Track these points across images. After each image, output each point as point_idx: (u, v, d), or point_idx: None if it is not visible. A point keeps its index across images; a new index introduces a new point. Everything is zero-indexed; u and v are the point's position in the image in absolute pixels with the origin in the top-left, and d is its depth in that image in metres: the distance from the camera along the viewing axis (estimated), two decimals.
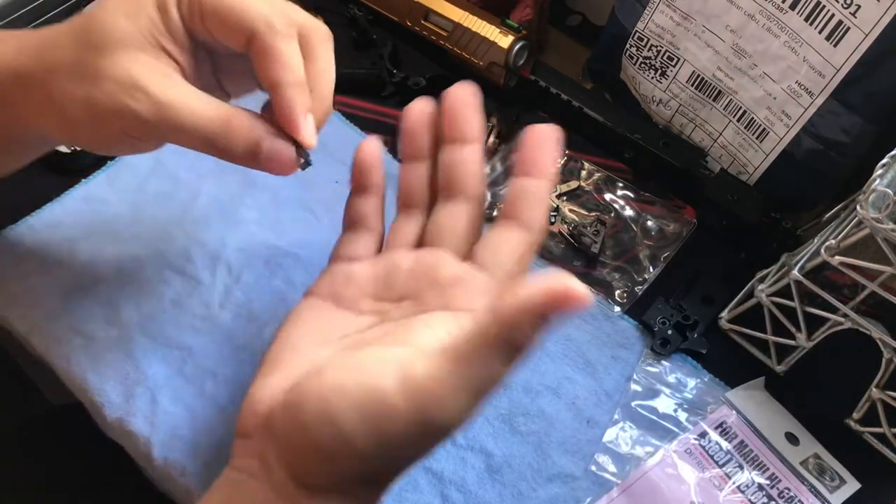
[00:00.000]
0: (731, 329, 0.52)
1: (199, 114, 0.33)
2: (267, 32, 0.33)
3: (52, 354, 0.48)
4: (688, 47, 0.57)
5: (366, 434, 0.27)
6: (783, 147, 0.54)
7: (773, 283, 0.49)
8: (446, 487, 0.45)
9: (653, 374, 0.50)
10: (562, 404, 0.48)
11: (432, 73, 0.63)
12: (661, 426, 0.48)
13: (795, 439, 0.48)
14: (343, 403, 0.28)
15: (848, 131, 0.51)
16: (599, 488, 0.46)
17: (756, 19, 0.52)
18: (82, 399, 0.48)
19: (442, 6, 0.63)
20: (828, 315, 0.46)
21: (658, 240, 0.57)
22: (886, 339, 0.44)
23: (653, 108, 0.62)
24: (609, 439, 0.47)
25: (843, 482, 0.47)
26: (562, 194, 0.59)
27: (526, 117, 0.62)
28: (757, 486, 0.46)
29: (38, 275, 0.50)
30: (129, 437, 0.46)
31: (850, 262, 0.42)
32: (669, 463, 0.46)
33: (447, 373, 0.28)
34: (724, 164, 0.59)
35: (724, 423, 0.48)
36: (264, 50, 0.33)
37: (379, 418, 0.27)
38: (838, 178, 0.54)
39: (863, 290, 0.44)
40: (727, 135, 0.58)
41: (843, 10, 0.47)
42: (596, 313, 0.53)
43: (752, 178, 0.58)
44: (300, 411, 0.29)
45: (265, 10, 0.34)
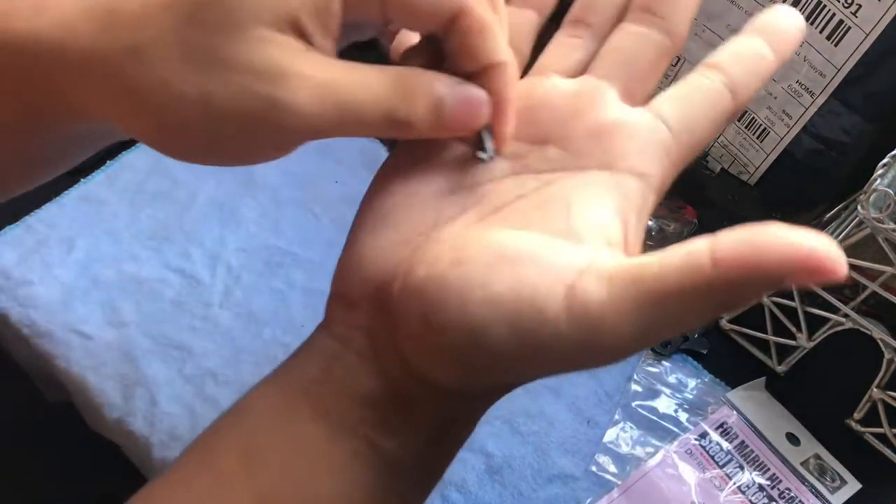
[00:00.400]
0: (731, 329, 0.52)
1: (370, 85, 0.25)
2: (476, 6, 0.25)
3: (51, 354, 0.48)
4: (689, 47, 0.56)
5: (518, 354, 0.22)
6: (784, 147, 0.54)
7: None
8: (446, 488, 0.45)
9: (653, 374, 0.50)
10: (562, 404, 0.48)
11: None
12: (661, 426, 0.48)
13: (796, 440, 0.48)
14: (496, 318, 0.22)
15: (848, 131, 0.51)
16: (600, 489, 0.45)
17: None
18: (81, 399, 0.48)
19: None
20: (828, 315, 0.46)
21: (658, 240, 0.57)
22: (887, 339, 0.44)
23: None
24: (609, 440, 0.47)
25: (844, 483, 0.47)
26: None
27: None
28: (757, 486, 0.46)
29: (38, 274, 0.50)
30: (128, 437, 0.46)
31: (851, 262, 0.42)
32: (670, 463, 0.46)
33: (629, 311, 0.21)
34: (725, 164, 0.59)
35: (725, 424, 0.48)
36: (476, 28, 0.26)
37: (537, 341, 0.22)
38: (839, 178, 0.54)
39: (863, 290, 0.44)
40: (728, 134, 0.58)
41: (843, 9, 0.47)
42: None
43: (753, 178, 0.57)
44: (437, 310, 0.23)
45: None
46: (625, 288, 0.21)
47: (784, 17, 0.30)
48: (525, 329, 0.22)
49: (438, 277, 0.23)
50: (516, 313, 0.22)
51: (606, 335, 0.21)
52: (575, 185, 0.26)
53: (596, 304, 0.21)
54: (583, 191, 0.26)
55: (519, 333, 0.22)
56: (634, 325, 0.21)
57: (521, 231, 0.25)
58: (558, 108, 0.28)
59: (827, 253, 0.19)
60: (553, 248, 0.24)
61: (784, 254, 0.19)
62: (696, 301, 0.21)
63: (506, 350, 0.22)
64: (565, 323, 0.21)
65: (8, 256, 0.51)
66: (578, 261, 0.23)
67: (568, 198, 0.26)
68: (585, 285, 0.22)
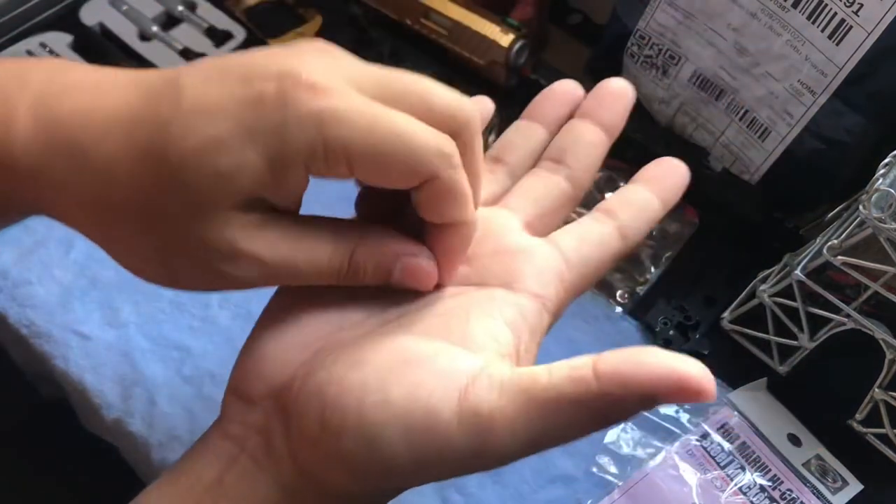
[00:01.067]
0: (733, 330, 0.52)
1: (320, 262, 0.27)
2: (447, 169, 0.25)
3: (50, 354, 0.48)
4: (689, 46, 0.56)
5: (409, 458, 0.23)
6: (785, 146, 0.54)
7: (776, 283, 0.48)
8: (446, 489, 0.45)
9: None
10: None
11: (432, 72, 0.63)
12: (662, 427, 0.48)
13: (798, 440, 0.48)
14: (390, 420, 0.23)
15: (850, 130, 0.51)
16: (600, 490, 0.45)
17: (758, 18, 0.52)
18: (79, 399, 0.48)
19: (442, 5, 0.62)
20: (830, 315, 0.46)
21: (660, 240, 0.57)
22: (889, 339, 0.44)
23: (654, 107, 0.61)
24: (610, 440, 0.47)
25: (846, 483, 0.46)
26: None
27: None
28: (759, 487, 0.46)
29: (36, 274, 0.50)
30: (127, 437, 0.46)
31: (853, 262, 0.42)
32: (671, 464, 0.46)
33: (518, 418, 0.23)
34: (726, 164, 0.59)
35: (726, 425, 0.48)
36: (445, 193, 0.26)
37: (428, 445, 0.23)
38: (841, 178, 0.53)
39: (865, 291, 0.44)
40: (729, 134, 0.58)
41: (845, 8, 0.47)
42: (597, 314, 0.52)
43: (755, 178, 0.57)
44: (335, 410, 0.24)
45: (434, 140, 0.25)
46: (515, 395, 0.23)
47: (670, 168, 0.34)
48: (418, 432, 0.23)
49: (338, 379, 0.24)
50: (410, 416, 0.23)
51: (495, 441, 0.23)
52: (476, 300, 0.28)
53: (486, 409, 0.23)
54: (482, 305, 0.27)
55: (412, 437, 0.23)
56: (522, 431, 0.23)
57: (420, 337, 0.26)
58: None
59: (699, 379, 0.22)
60: (450, 355, 0.25)
61: (659, 375, 0.22)
62: (580, 412, 0.23)
63: (399, 454, 0.23)
64: (457, 427, 0.23)
65: (6, 256, 0.51)
66: (472, 367, 0.24)
67: (468, 310, 0.27)
68: (478, 390, 0.23)
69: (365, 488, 0.25)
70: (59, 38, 0.61)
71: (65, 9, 0.64)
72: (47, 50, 0.61)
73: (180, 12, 0.64)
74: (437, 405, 0.23)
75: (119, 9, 0.64)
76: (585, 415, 0.23)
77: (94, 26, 0.63)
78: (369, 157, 0.25)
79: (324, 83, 0.24)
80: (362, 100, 0.25)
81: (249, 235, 0.25)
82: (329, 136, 0.24)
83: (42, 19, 0.63)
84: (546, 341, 0.50)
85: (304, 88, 0.24)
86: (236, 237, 0.25)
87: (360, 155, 0.24)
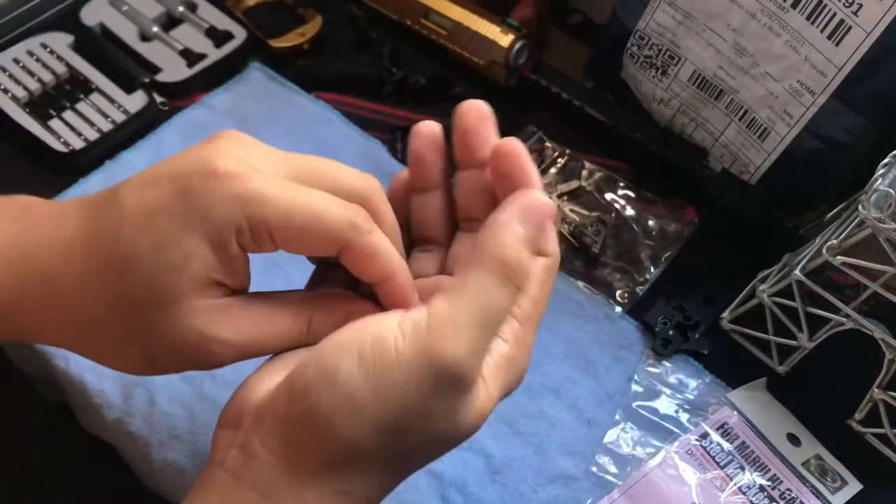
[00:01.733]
0: (732, 329, 0.52)
1: (279, 336, 0.30)
2: (358, 237, 0.29)
3: (50, 354, 0.48)
4: (689, 46, 0.56)
5: (368, 387, 0.26)
6: (785, 146, 0.54)
7: (775, 283, 0.48)
8: (446, 489, 0.45)
9: (654, 374, 0.50)
10: (562, 405, 0.48)
11: (432, 72, 0.63)
12: (662, 427, 0.48)
13: (797, 440, 0.48)
14: (343, 356, 0.26)
15: (850, 130, 0.51)
16: (600, 489, 0.45)
17: (757, 18, 0.52)
18: (80, 400, 0.48)
19: (442, 5, 0.62)
20: (830, 315, 0.46)
21: (659, 240, 0.57)
22: (888, 339, 0.44)
23: (654, 107, 0.62)
24: (610, 440, 0.47)
25: (845, 483, 0.46)
26: (562, 194, 0.58)
27: (526, 117, 0.62)
28: (758, 487, 0.46)
29: None
30: (127, 437, 0.46)
31: (852, 262, 0.42)
32: (670, 464, 0.46)
33: (448, 307, 0.27)
34: (726, 164, 0.59)
35: (726, 424, 0.48)
36: (362, 256, 0.30)
37: (381, 366, 0.26)
38: (840, 178, 0.53)
39: (865, 291, 0.44)
40: (728, 134, 0.58)
41: (844, 8, 0.47)
42: (597, 314, 0.52)
43: (754, 178, 0.57)
44: (299, 379, 0.27)
45: (343, 212, 0.29)
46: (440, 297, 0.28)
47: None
48: (371, 361, 0.26)
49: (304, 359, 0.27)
50: (361, 344, 0.27)
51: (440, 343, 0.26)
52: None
53: (422, 316, 0.27)
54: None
55: (366, 364, 0.26)
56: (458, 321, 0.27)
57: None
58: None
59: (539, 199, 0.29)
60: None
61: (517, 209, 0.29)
62: (483, 273, 0.28)
63: (360, 388, 0.26)
64: (404, 342, 0.26)
65: None
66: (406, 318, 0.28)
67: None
68: (413, 312, 0.27)
69: (339, 446, 0.27)
70: (60, 39, 0.62)
71: (65, 9, 0.64)
72: (48, 50, 0.61)
73: (181, 13, 0.64)
74: (382, 331, 0.27)
75: (119, 9, 0.64)
76: (487, 273, 0.28)
77: (94, 27, 0.63)
78: (290, 231, 0.28)
79: (242, 170, 0.28)
80: (279, 181, 0.28)
81: (215, 321, 0.29)
82: (251, 215, 0.28)
83: (42, 20, 0.63)
84: (546, 341, 0.51)
85: (224, 175, 0.27)
86: (204, 325, 0.28)
87: (281, 229, 0.28)
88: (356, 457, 0.27)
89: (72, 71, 0.60)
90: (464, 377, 0.27)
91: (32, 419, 0.73)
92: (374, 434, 0.27)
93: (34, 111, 0.58)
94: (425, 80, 0.62)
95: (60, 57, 0.61)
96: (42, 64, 0.60)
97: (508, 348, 0.30)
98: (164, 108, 0.60)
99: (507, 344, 0.30)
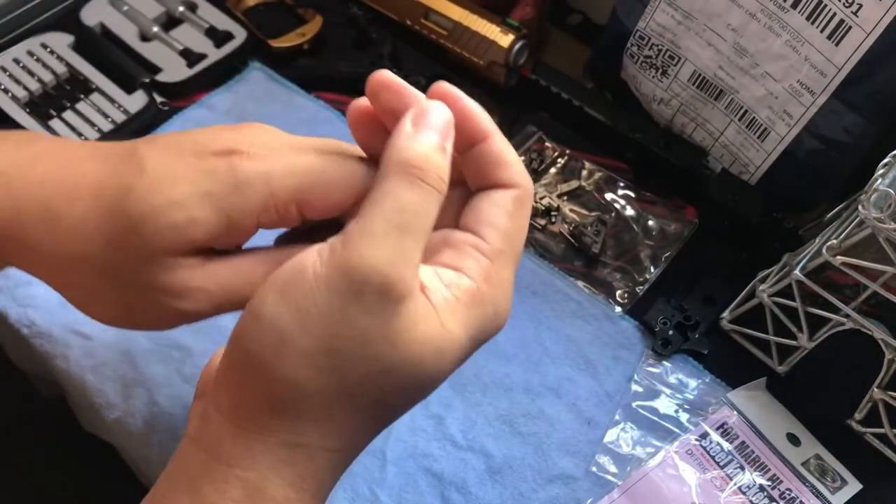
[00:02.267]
0: (732, 329, 0.52)
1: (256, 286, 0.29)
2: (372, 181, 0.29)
3: (50, 354, 0.48)
4: (689, 46, 0.56)
5: (292, 319, 0.25)
6: (784, 146, 0.54)
7: (775, 283, 0.48)
8: (446, 489, 0.45)
9: (654, 374, 0.50)
10: (562, 405, 0.48)
11: (432, 72, 0.63)
12: (662, 427, 0.48)
13: (797, 440, 0.48)
14: (267, 293, 0.26)
15: (849, 130, 0.51)
16: (600, 489, 0.45)
17: (757, 18, 0.52)
18: (80, 399, 0.48)
19: (442, 5, 0.63)
20: (829, 315, 0.46)
21: (659, 240, 0.57)
22: (888, 339, 0.44)
23: (654, 107, 0.62)
24: (610, 440, 0.47)
25: (845, 483, 0.46)
26: (562, 194, 0.58)
27: (526, 117, 0.62)
28: (758, 487, 0.46)
29: None
30: (128, 437, 0.46)
31: (852, 262, 0.42)
32: (670, 464, 0.46)
33: (360, 221, 0.26)
34: (726, 164, 0.59)
35: (726, 424, 0.48)
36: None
37: (302, 294, 0.25)
38: (840, 178, 0.53)
39: (864, 291, 0.44)
40: (728, 134, 0.58)
41: (844, 9, 0.47)
42: (597, 314, 0.52)
43: (754, 178, 0.57)
44: (235, 328, 0.27)
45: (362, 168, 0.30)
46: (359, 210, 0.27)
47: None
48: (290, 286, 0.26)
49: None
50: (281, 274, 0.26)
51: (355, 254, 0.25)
52: None
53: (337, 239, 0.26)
54: None
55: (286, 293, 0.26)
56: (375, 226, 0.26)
57: None
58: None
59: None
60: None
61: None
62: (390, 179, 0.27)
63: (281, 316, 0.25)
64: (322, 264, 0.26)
65: None
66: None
67: None
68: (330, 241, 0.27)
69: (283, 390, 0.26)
70: (60, 39, 0.62)
71: (65, 9, 0.64)
72: (48, 50, 0.61)
73: (181, 13, 0.64)
74: (302, 260, 0.26)
75: (119, 9, 0.64)
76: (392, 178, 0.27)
77: (94, 27, 0.63)
78: (316, 194, 0.29)
79: (264, 153, 0.29)
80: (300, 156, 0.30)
81: (197, 274, 0.30)
82: (277, 189, 0.29)
83: (43, 20, 0.63)
84: (546, 341, 0.51)
85: (248, 158, 0.29)
86: (186, 277, 0.29)
87: (307, 195, 0.29)
88: (298, 400, 0.26)
89: (72, 71, 0.60)
90: (387, 286, 0.25)
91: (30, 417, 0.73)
92: (308, 367, 0.26)
93: (34, 111, 0.58)
94: (425, 80, 0.62)
95: (60, 57, 0.61)
96: (42, 64, 0.60)
97: (473, 284, 0.28)
98: (164, 108, 0.60)
99: (473, 280, 0.28)
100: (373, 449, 0.45)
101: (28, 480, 0.85)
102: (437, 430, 0.47)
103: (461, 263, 0.28)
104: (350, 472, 0.26)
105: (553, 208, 0.57)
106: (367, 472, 0.45)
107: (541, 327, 0.51)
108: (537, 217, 0.57)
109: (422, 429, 0.47)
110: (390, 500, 0.44)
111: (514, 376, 0.49)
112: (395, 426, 0.46)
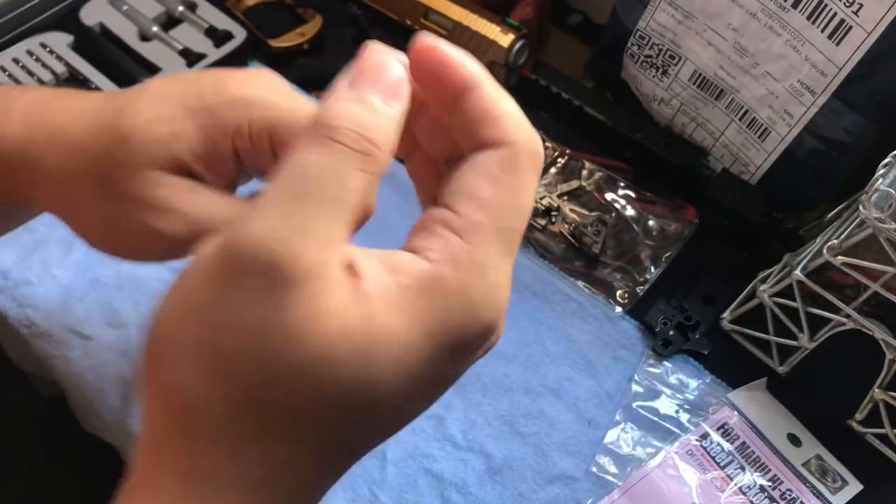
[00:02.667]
0: (733, 330, 0.52)
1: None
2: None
3: (50, 354, 0.48)
4: (689, 46, 0.56)
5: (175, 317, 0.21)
6: (785, 146, 0.54)
7: (776, 283, 0.48)
8: (446, 489, 0.45)
9: (654, 374, 0.50)
10: (563, 405, 0.48)
11: None
12: (662, 427, 0.48)
13: (797, 440, 0.48)
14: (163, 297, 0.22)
15: (850, 130, 0.51)
16: (600, 490, 0.45)
17: (758, 18, 0.52)
18: (80, 399, 0.48)
19: (442, 5, 0.62)
20: (830, 315, 0.46)
21: (659, 240, 0.57)
22: (889, 339, 0.44)
23: (654, 107, 0.61)
24: (610, 440, 0.47)
25: (846, 483, 0.46)
26: (562, 194, 0.58)
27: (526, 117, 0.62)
28: (759, 487, 0.46)
29: (37, 274, 0.50)
30: (127, 437, 0.46)
31: (853, 263, 0.42)
32: (671, 464, 0.46)
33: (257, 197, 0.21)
34: (726, 164, 0.59)
35: (726, 425, 0.48)
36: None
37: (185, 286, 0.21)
38: (840, 178, 0.53)
39: (865, 291, 0.44)
40: (729, 134, 0.58)
41: (845, 8, 0.47)
42: (597, 314, 0.52)
43: (754, 178, 0.57)
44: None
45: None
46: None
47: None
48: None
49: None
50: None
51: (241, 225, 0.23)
52: None
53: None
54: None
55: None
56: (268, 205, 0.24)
57: None
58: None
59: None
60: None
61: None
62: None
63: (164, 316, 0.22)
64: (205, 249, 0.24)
65: (7, 256, 0.51)
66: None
67: None
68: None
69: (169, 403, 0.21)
70: (60, 39, 0.62)
71: (65, 9, 0.64)
72: (47, 50, 0.61)
73: (180, 12, 0.64)
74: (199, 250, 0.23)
75: (119, 9, 0.64)
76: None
77: (94, 26, 0.63)
78: (292, 133, 0.31)
79: (251, 80, 0.32)
80: (285, 97, 0.32)
81: (178, 196, 0.31)
82: (254, 115, 0.31)
83: (42, 19, 0.63)
84: (546, 341, 0.51)
85: (234, 82, 0.32)
86: (167, 195, 0.31)
87: (283, 132, 0.31)
88: (195, 416, 0.21)
89: (71, 71, 0.60)
90: (275, 264, 0.20)
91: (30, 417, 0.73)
92: (194, 371, 0.20)
93: None
94: None
95: (60, 57, 0.61)
96: (42, 64, 0.60)
97: (430, 268, 0.22)
98: None
99: (431, 262, 0.22)
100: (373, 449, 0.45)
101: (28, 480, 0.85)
102: (437, 430, 0.47)
103: (424, 244, 0.22)
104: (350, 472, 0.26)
105: (553, 208, 0.57)
106: (367, 473, 0.45)
107: (541, 327, 0.51)
108: (537, 217, 0.57)
109: (422, 429, 0.46)
110: (390, 500, 0.44)
111: (515, 376, 0.49)
112: None
